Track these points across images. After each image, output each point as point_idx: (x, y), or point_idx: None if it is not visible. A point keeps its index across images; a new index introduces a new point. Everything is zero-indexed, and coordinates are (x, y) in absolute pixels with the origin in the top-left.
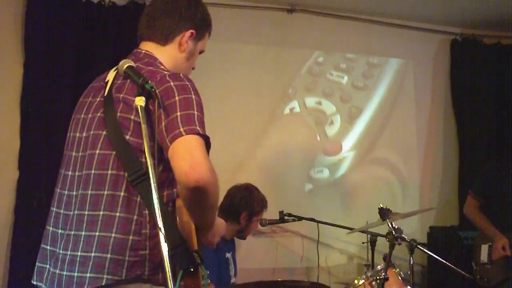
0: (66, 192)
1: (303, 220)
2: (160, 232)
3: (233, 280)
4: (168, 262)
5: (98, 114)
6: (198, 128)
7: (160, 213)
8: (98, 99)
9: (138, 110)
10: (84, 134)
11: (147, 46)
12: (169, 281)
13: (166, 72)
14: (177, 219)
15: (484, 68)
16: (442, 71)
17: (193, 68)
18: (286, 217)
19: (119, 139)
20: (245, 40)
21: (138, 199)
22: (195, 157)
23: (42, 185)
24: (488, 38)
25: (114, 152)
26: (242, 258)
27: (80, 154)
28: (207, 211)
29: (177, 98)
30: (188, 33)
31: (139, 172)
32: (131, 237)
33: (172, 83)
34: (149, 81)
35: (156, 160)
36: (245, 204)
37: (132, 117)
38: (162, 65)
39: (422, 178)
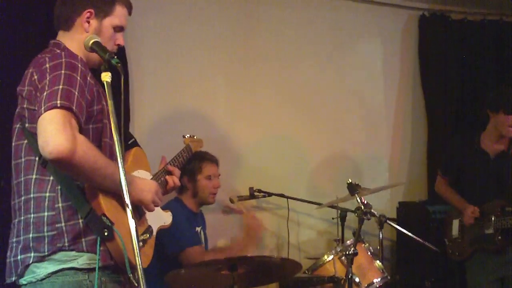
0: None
1: (273, 196)
2: (127, 208)
3: None
4: (135, 237)
5: (17, 110)
6: (58, 102)
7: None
8: None
9: (22, 97)
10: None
11: (58, 36)
12: (136, 256)
13: (48, 55)
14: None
15: (451, 43)
16: (410, 47)
17: (118, 45)
18: (256, 193)
19: (25, 128)
20: (209, 15)
21: (51, 178)
22: (47, 131)
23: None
24: (455, 14)
25: (26, 141)
26: (212, 234)
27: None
28: (89, 176)
29: (47, 78)
30: (85, 14)
31: None
32: (46, 213)
33: (47, 65)
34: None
35: None
36: (182, 168)
37: (25, 106)
38: (62, 49)
39: (391, 154)
